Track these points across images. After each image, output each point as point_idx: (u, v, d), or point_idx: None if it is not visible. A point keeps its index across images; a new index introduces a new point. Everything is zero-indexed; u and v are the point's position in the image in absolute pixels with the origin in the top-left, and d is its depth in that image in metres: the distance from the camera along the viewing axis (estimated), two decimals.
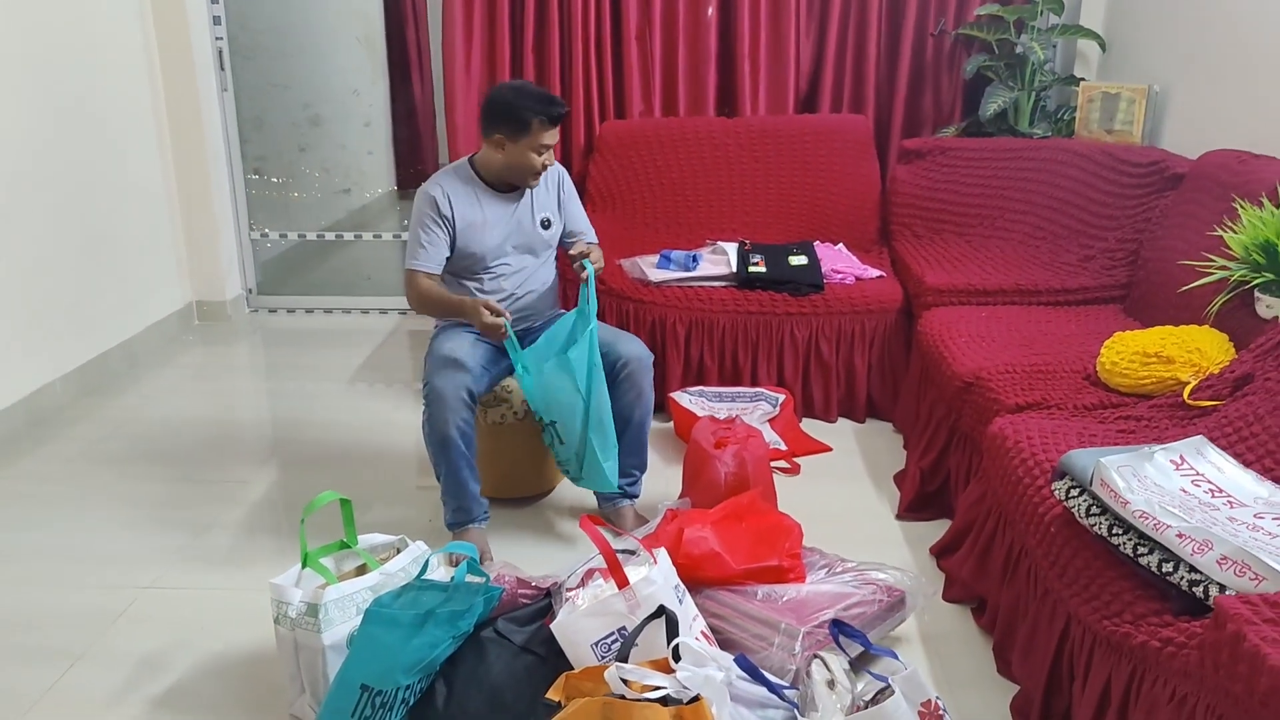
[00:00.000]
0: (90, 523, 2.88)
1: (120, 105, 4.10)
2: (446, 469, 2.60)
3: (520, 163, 2.67)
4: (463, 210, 2.70)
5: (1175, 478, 1.81)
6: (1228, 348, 2.48)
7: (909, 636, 2.33)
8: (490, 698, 1.93)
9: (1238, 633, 1.34)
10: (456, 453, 2.57)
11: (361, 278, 4.98)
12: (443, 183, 2.72)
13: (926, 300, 3.31)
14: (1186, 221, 2.98)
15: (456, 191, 2.71)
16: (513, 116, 2.62)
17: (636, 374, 2.73)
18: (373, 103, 4.69)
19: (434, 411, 2.56)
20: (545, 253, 2.88)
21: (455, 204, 2.70)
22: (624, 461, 2.79)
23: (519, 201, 2.78)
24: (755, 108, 4.24)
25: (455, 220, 2.70)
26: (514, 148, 2.65)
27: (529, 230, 2.80)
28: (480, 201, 2.74)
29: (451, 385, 2.55)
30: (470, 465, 2.62)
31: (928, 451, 2.91)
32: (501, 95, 2.68)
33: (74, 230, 3.81)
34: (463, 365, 2.60)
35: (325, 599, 1.96)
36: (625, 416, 2.75)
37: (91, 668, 2.23)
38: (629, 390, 2.73)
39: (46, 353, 3.66)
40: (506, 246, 2.78)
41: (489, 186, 2.75)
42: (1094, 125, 3.80)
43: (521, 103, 2.62)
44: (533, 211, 2.81)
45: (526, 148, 2.65)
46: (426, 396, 2.58)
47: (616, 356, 2.72)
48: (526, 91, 2.67)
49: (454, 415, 2.54)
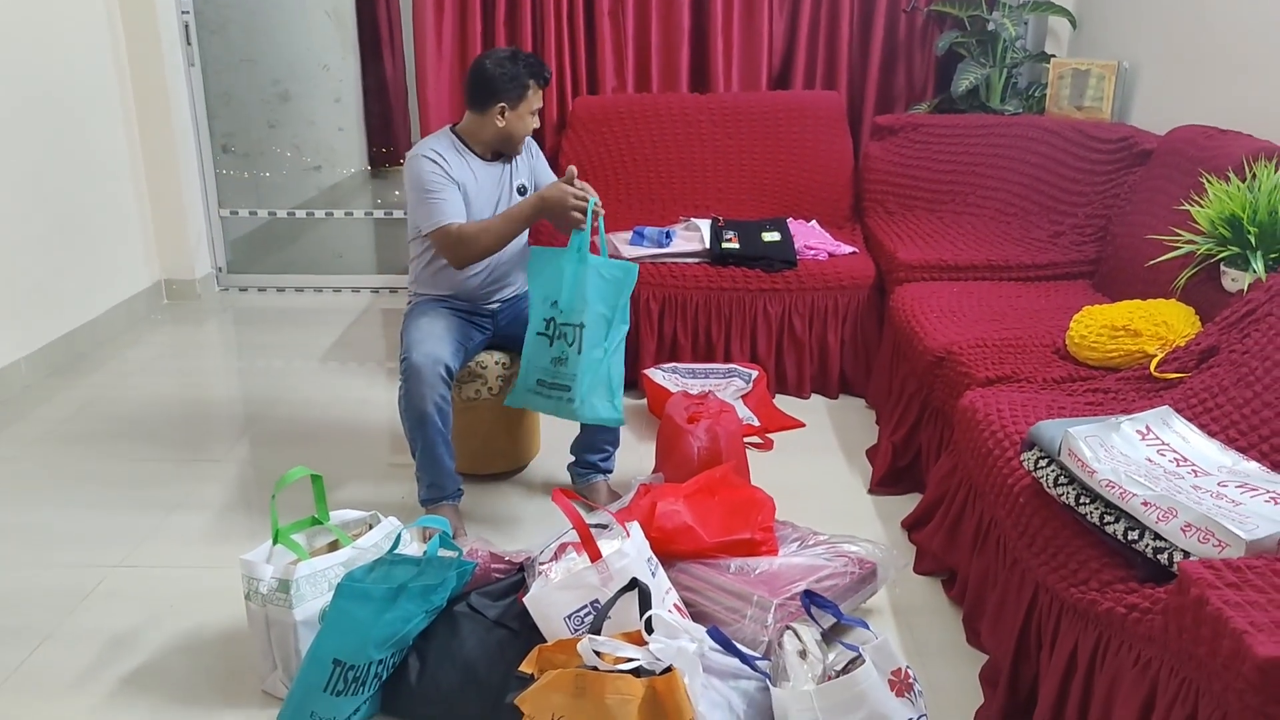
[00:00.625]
0: (58, 502, 2.85)
1: (84, 81, 4.03)
2: (423, 445, 2.58)
3: (518, 129, 2.71)
4: (459, 174, 2.68)
5: (1141, 447, 1.83)
6: (1194, 321, 2.51)
7: (880, 608, 2.36)
8: (464, 672, 1.94)
9: (1201, 597, 1.36)
10: (433, 429, 2.56)
11: (333, 256, 4.94)
12: (436, 148, 2.68)
13: (899, 276, 3.32)
14: (1154, 197, 3.00)
15: (450, 158, 2.68)
16: (511, 82, 2.65)
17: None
18: (343, 78, 4.63)
19: (411, 387, 2.54)
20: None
21: (453, 169, 2.67)
22: (597, 437, 2.80)
23: (504, 169, 2.80)
24: (728, 84, 4.23)
25: (455, 183, 2.67)
26: (513, 114, 2.68)
27: (510, 198, 2.80)
28: (472, 168, 2.72)
29: (429, 361, 2.53)
30: (446, 441, 2.60)
31: (899, 426, 2.92)
32: (490, 66, 2.66)
33: (38, 209, 3.75)
34: (440, 341, 2.58)
35: (297, 575, 1.96)
36: None
37: (60, 647, 2.21)
38: None
39: (11, 332, 3.61)
40: (493, 213, 2.75)
41: (476, 155, 2.75)
42: (1064, 102, 3.82)
43: (516, 68, 2.65)
44: (514, 178, 2.83)
45: (526, 112, 2.69)
46: (404, 372, 2.56)
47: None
48: (521, 57, 2.69)
49: (431, 391, 2.52)
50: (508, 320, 2.85)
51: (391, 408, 3.47)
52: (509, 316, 2.85)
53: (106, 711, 2.01)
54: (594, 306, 2.54)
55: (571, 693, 1.67)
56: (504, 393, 2.82)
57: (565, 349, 2.56)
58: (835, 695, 1.69)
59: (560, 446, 2.97)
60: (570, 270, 2.55)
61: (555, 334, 2.58)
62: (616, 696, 1.64)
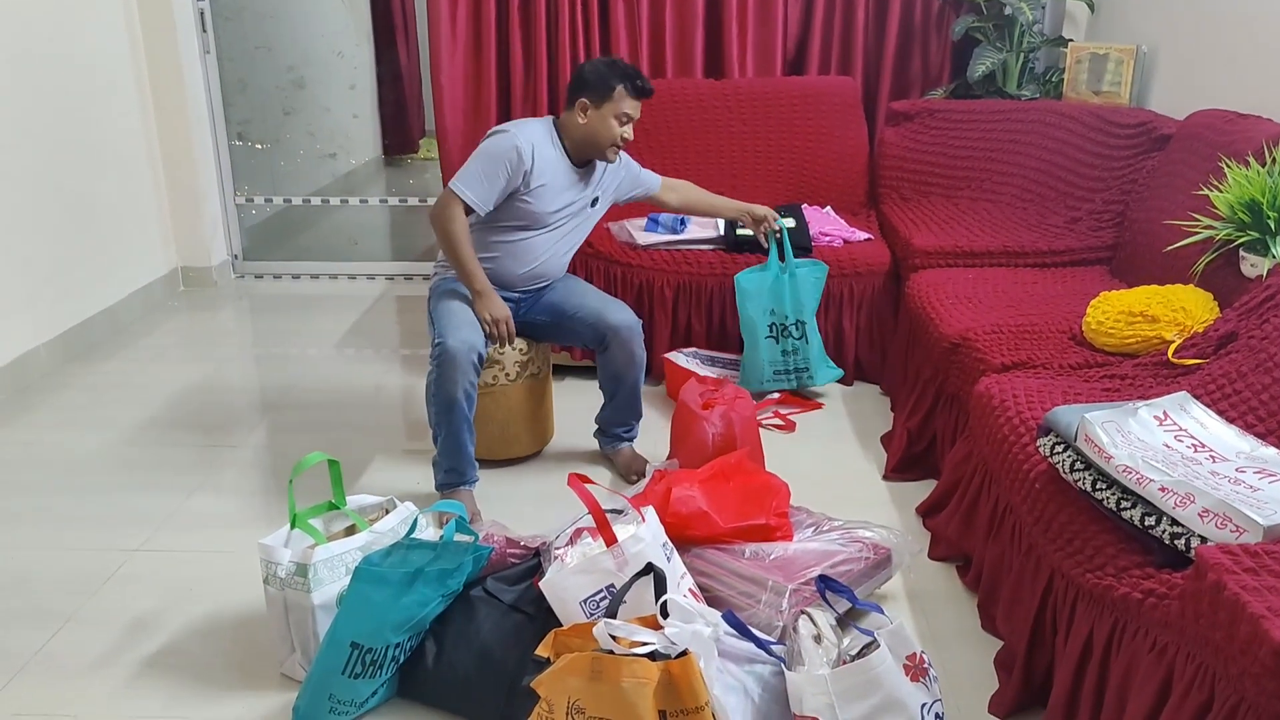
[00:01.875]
0: (78, 487, 2.87)
1: (101, 69, 4.05)
2: (448, 430, 2.59)
3: (600, 131, 2.71)
4: (542, 167, 2.70)
5: (1159, 433, 1.82)
6: (1212, 306, 2.49)
7: (895, 594, 2.36)
8: (480, 655, 1.95)
9: (1218, 582, 1.36)
10: (460, 415, 2.57)
11: (348, 243, 4.95)
12: (534, 138, 2.70)
13: (914, 262, 3.31)
14: (1173, 182, 2.98)
15: (543, 151, 2.70)
16: (601, 82, 2.68)
17: (628, 341, 2.78)
18: (357, 65, 4.63)
19: (444, 372, 2.53)
20: (585, 226, 2.93)
21: (538, 162, 2.68)
22: (620, 414, 2.89)
23: (585, 178, 2.83)
24: (743, 70, 4.21)
25: (533, 177, 2.69)
26: (596, 114, 2.69)
27: (583, 206, 2.86)
28: (558, 165, 2.75)
29: (465, 347, 2.54)
30: (470, 428, 2.62)
31: (914, 412, 2.92)
32: (592, 64, 2.75)
33: (56, 196, 3.77)
34: (474, 327, 2.61)
35: (314, 559, 1.97)
36: (618, 378, 2.82)
37: (81, 629, 2.24)
38: (620, 355, 2.79)
39: (30, 319, 3.64)
40: (563, 215, 2.80)
41: (567, 154, 2.77)
42: (1082, 86, 3.79)
43: (612, 70, 2.70)
44: (593, 190, 2.87)
45: (609, 114, 2.69)
46: (438, 357, 2.55)
47: (606, 326, 2.76)
48: (617, 63, 2.74)
49: (463, 377, 2.54)
50: (528, 308, 2.86)
51: (407, 393, 3.49)
52: (530, 303, 2.87)
53: (127, 693, 2.04)
54: (809, 305, 3.29)
55: (587, 676, 1.67)
56: (519, 379, 2.85)
57: (794, 342, 3.30)
58: (850, 679, 1.69)
59: (576, 432, 2.98)
60: (785, 283, 3.25)
61: (781, 334, 3.28)
62: (632, 680, 1.65)
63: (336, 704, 1.89)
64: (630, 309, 2.85)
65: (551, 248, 2.83)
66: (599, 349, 2.83)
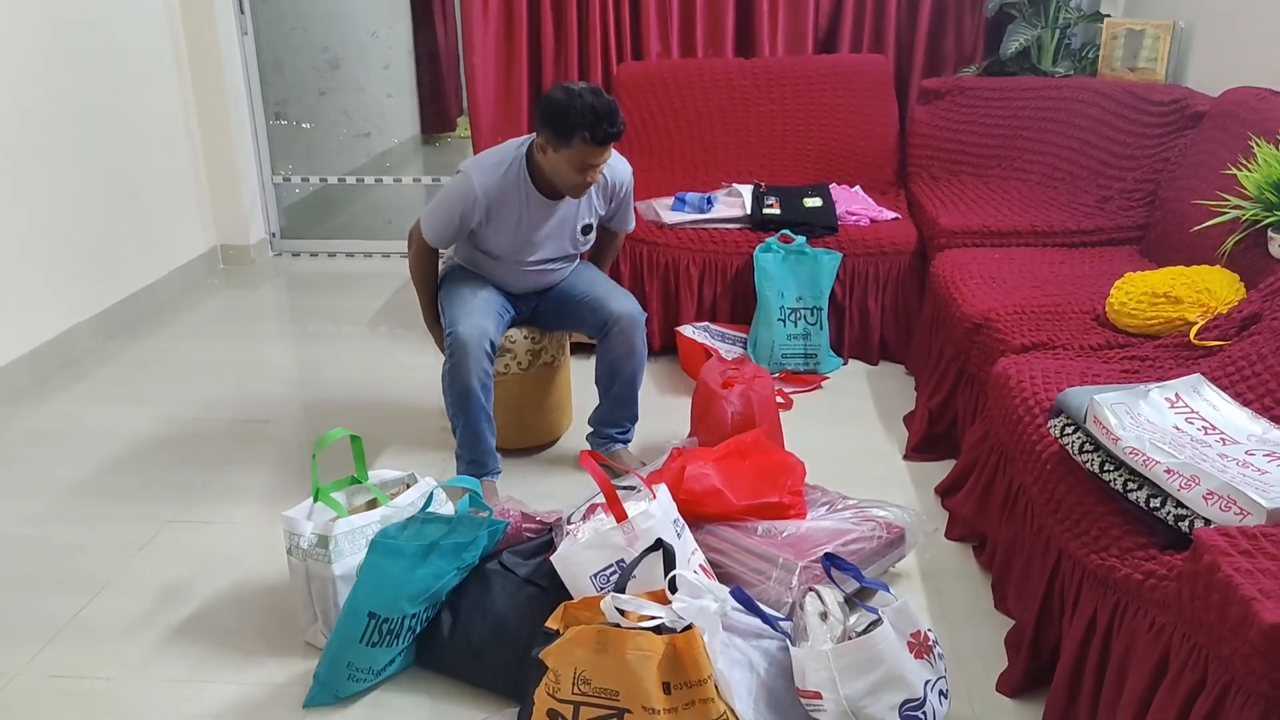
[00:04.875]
0: (118, 459, 2.96)
1: (141, 51, 4.13)
2: (465, 421, 2.58)
3: (560, 174, 2.47)
4: (499, 212, 2.57)
5: (1169, 415, 1.81)
6: (1238, 288, 2.46)
7: (910, 573, 2.37)
8: (494, 627, 1.99)
9: (1213, 563, 1.36)
10: (476, 405, 2.56)
11: (383, 222, 5.02)
12: (486, 179, 2.54)
13: (940, 242, 3.30)
14: (1204, 160, 2.94)
15: (497, 193, 2.55)
16: (558, 124, 2.37)
17: (628, 331, 2.70)
18: (391, 45, 4.68)
19: (458, 361, 2.52)
20: (577, 249, 2.78)
21: (493, 207, 2.56)
22: (614, 413, 2.83)
23: (562, 206, 2.64)
24: (774, 48, 4.20)
25: (488, 220, 2.58)
26: (554, 156, 2.43)
27: (566, 234, 2.70)
28: (522, 206, 2.58)
29: (477, 334, 2.52)
30: (489, 418, 2.61)
31: (936, 392, 2.92)
32: (554, 97, 2.38)
33: (97, 175, 3.86)
34: (485, 314, 2.58)
35: (335, 531, 2.03)
36: (615, 370, 2.75)
37: (115, 596, 2.32)
38: (620, 346, 2.71)
39: (74, 296, 3.74)
40: (534, 248, 2.67)
41: (537, 189, 2.57)
42: (1117, 63, 3.73)
43: (569, 115, 2.34)
44: (576, 217, 2.69)
45: (565, 161, 2.42)
46: (450, 346, 2.54)
47: (608, 314, 2.69)
48: (579, 103, 2.34)
49: (476, 365, 2.52)
50: (539, 299, 2.82)
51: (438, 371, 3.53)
52: (540, 297, 2.82)
53: (158, 657, 2.12)
54: (825, 290, 3.34)
55: (593, 648, 1.71)
56: (532, 368, 2.84)
57: (808, 327, 3.37)
58: (852, 655, 1.71)
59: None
60: (806, 265, 3.33)
61: (794, 317, 3.34)
62: (637, 652, 1.69)
63: (355, 671, 1.95)
64: (635, 301, 2.75)
65: (540, 267, 2.72)
66: (599, 337, 2.75)
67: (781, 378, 3.35)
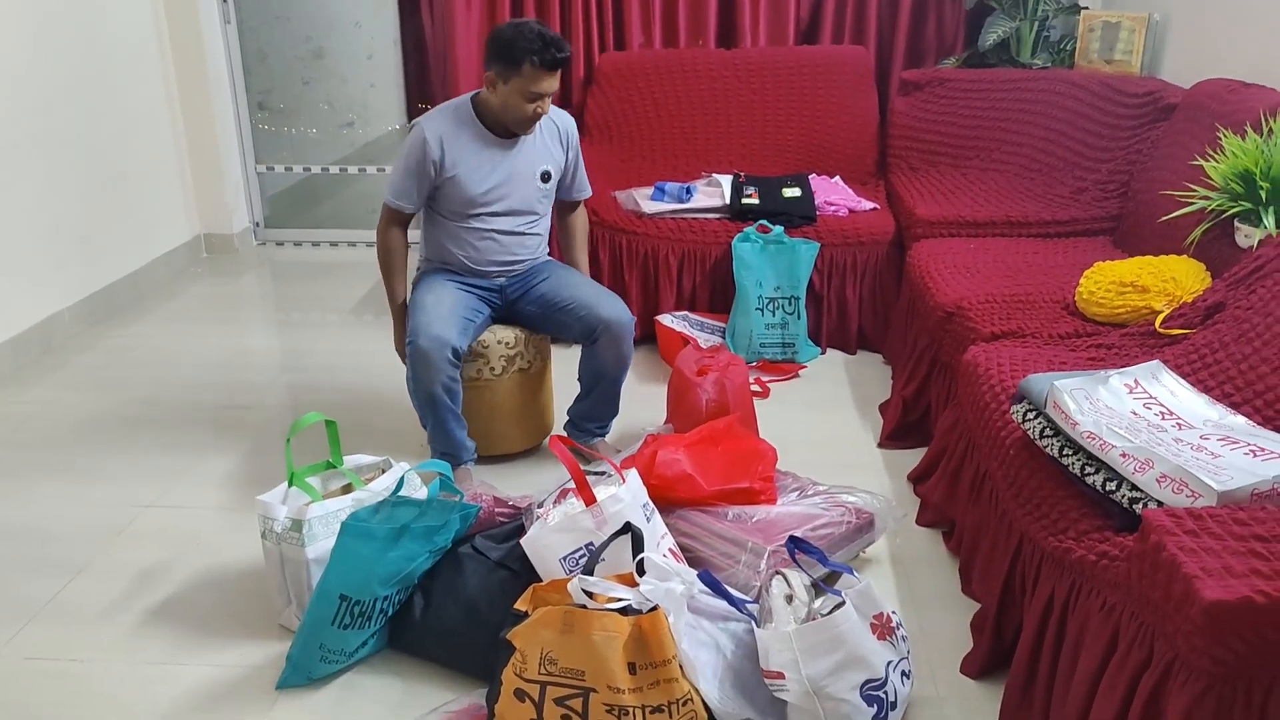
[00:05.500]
0: (97, 444, 2.98)
1: (124, 39, 4.13)
2: (434, 420, 2.61)
3: (510, 106, 2.53)
4: (454, 153, 2.59)
5: (1128, 400, 1.84)
6: (1204, 277, 2.50)
7: (880, 558, 2.40)
8: (466, 610, 2.02)
9: (1159, 543, 1.39)
10: (443, 407, 2.57)
11: (367, 211, 5.02)
12: (437, 123, 2.60)
13: (916, 232, 3.33)
14: (1175, 152, 2.97)
15: (450, 133, 2.58)
16: (506, 54, 2.46)
17: (618, 337, 2.67)
18: (374, 35, 4.69)
19: (419, 372, 2.53)
20: (541, 205, 2.76)
21: (447, 147, 2.58)
22: (596, 410, 2.83)
23: (517, 148, 2.65)
24: (755, 39, 4.22)
25: (444, 164, 2.58)
26: (504, 89, 2.50)
27: (526, 180, 2.67)
28: (475, 145, 2.60)
29: (436, 345, 2.50)
30: (456, 415, 2.62)
31: (910, 381, 2.95)
32: (500, 31, 2.51)
33: (81, 164, 3.87)
34: (447, 322, 2.55)
35: (309, 515, 2.05)
36: (600, 372, 2.73)
37: (92, 579, 2.34)
38: (608, 350, 2.69)
39: (56, 282, 3.75)
40: (499, 193, 2.65)
41: (488, 129, 2.62)
42: (1094, 55, 3.76)
43: (518, 41, 2.45)
44: (532, 161, 2.68)
45: (516, 91, 2.49)
46: (411, 356, 2.54)
47: (597, 319, 2.66)
48: (526, 30, 2.47)
49: (439, 374, 2.51)
50: (517, 294, 2.78)
51: None
52: (518, 290, 2.78)
53: (133, 639, 2.14)
54: (802, 280, 3.38)
55: (560, 629, 1.74)
56: (506, 373, 2.76)
57: (785, 316, 3.40)
58: (813, 636, 1.74)
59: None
60: (784, 255, 3.35)
61: (772, 307, 3.37)
62: (603, 633, 1.72)
63: (327, 653, 1.97)
64: (624, 304, 2.73)
65: (509, 228, 2.70)
66: (587, 342, 2.72)
67: (759, 366, 3.38)
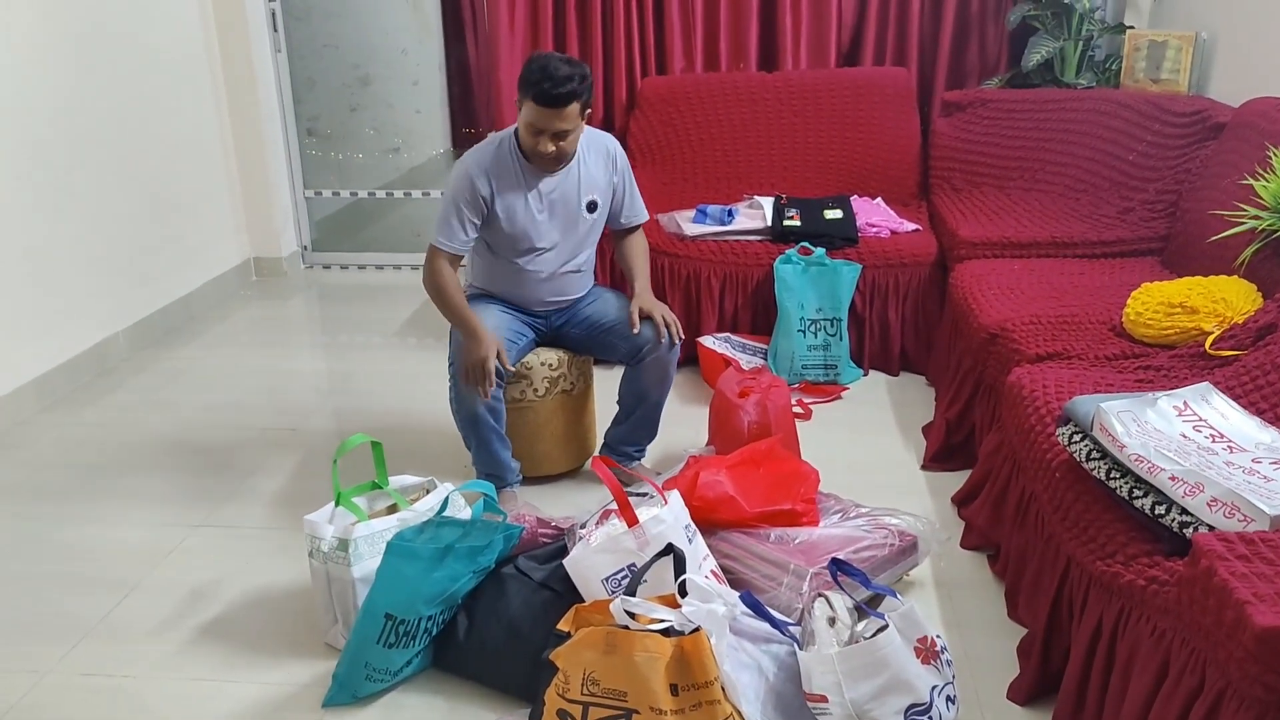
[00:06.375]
0: (150, 465, 3.04)
1: (178, 68, 4.24)
2: (477, 442, 2.62)
3: (524, 141, 2.48)
4: (503, 190, 2.54)
5: (1177, 423, 1.82)
6: (1255, 297, 2.46)
7: (924, 581, 2.38)
8: (509, 629, 2.03)
9: (1210, 568, 1.37)
10: (485, 427, 2.58)
11: (412, 235, 5.10)
12: (483, 161, 2.54)
13: (960, 253, 3.31)
14: (1225, 171, 2.93)
15: (497, 170, 2.54)
16: (518, 87, 2.42)
17: (664, 358, 2.66)
18: (420, 61, 4.78)
19: (461, 393, 2.55)
20: (589, 238, 2.72)
21: (496, 184, 2.53)
22: (635, 434, 2.81)
23: (558, 182, 2.59)
24: (797, 61, 4.23)
25: (495, 202, 2.54)
26: (519, 122, 2.47)
27: (572, 211, 2.63)
28: (517, 181, 2.56)
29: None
30: (500, 436, 2.63)
31: (954, 403, 2.92)
32: (526, 61, 2.44)
33: (135, 189, 3.97)
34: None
35: (355, 534, 2.08)
36: (643, 394, 2.72)
37: (144, 598, 2.39)
38: (654, 372, 2.68)
39: (110, 306, 3.84)
40: (543, 229, 2.61)
41: (528, 161, 2.55)
42: (1140, 74, 3.72)
43: (524, 74, 2.39)
44: (579, 191, 2.62)
45: (524, 125, 2.44)
46: (453, 377, 2.57)
47: (645, 339, 2.62)
48: (533, 63, 2.39)
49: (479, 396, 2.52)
50: (562, 321, 2.77)
51: None
52: (564, 318, 2.77)
53: (183, 657, 2.18)
54: (844, 302, 3.38)
55: (602, 650, 1.75)
56: (550, 395, 2.77)
57: (827, 338, 3.40)
58: (857, 659, 1.73)
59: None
60: (825, 277, 3.36)
61: (814, 328, 3.38)
62: (645, 654, 1.72)
63: (373, 672, 1.99)
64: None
65: (556, 262, 2.66)
66: (632, 362, 2.69)
67: (801, 388, 3.37)
